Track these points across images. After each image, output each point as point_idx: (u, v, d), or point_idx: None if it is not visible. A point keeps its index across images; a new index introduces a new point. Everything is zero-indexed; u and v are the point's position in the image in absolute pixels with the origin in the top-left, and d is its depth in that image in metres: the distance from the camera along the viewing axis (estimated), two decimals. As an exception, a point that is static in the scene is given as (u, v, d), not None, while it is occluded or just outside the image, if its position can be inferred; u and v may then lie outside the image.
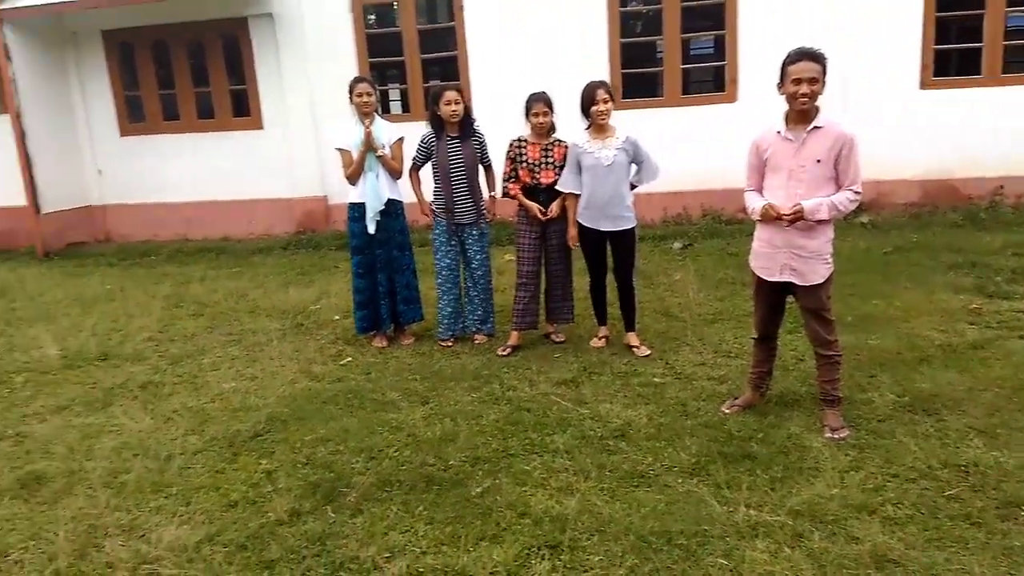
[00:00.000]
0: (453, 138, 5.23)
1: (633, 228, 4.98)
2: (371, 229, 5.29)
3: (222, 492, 3.48)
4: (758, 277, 3.85)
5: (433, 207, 5.36)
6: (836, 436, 3.68)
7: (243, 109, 10.25)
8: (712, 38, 11.86)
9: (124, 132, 10.54)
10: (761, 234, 3.79)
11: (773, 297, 3.86)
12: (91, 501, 3.43)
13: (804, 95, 3.42)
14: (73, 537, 3.13)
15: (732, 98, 8.92)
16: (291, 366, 5.16)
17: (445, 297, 5.43)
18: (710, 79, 12.79)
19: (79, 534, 3.16)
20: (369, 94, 5.20)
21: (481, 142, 5.34)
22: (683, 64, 9.45)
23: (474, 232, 5.35)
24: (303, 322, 6.24)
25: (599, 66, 8.87)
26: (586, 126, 4.93)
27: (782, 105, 3.62)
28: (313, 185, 9.99)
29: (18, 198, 9.91)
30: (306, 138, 9.79)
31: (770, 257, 3.74)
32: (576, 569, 2.80)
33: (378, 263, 5.41)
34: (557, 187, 5.04)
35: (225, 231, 10.36)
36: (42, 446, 4.09)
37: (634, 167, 4.95)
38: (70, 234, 10.39)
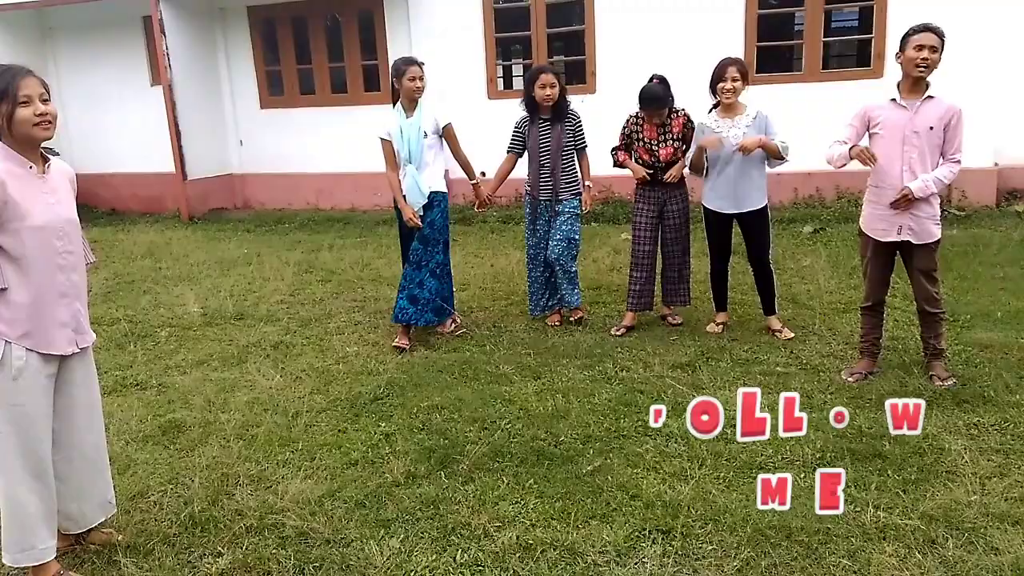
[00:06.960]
0: (544, 120, 5.12)
1: (764, 207, 4.75)
2: (417, 222, 4.97)
3: (343, 451, 3.62)
4: (874, 241, 4.00)
5: (526, 186, 5.29)
6: (946, 383, 3.91)
7: (374, 84, 10.54)
8: (857, 10, 11.13)
9: (264, 105, 11.07)
10: (880, 199, 3.94)
11: (887, 260, 4.06)
12: (224, 451, 3.65)
13: (924, 59, 3.67)
14: (207, 484, 3.34)
15: (879, 74, 8.32)
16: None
17: (531, 275, 5.40)
18: (853, 53, 12.04)
19: (212, 481, 3.36)
20: (422, 78, 4.86)
21: (576, 124, 5.14)
22: (824, 37, 8.93)
23: (560, 209, 5.16)
24: (423, 292, 6.38)
25: (734, 39, 8.51)
26: (712, 104, 4.73)
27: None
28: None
29: (167, 165, 10.62)
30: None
31: (888, 220, 3.93)
32: (688, 556, 2.73)
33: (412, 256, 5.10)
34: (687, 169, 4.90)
35: (352, 202, 10.72)
36: (182, 396, 4.38)
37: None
38: (212, 200, 11.06)
